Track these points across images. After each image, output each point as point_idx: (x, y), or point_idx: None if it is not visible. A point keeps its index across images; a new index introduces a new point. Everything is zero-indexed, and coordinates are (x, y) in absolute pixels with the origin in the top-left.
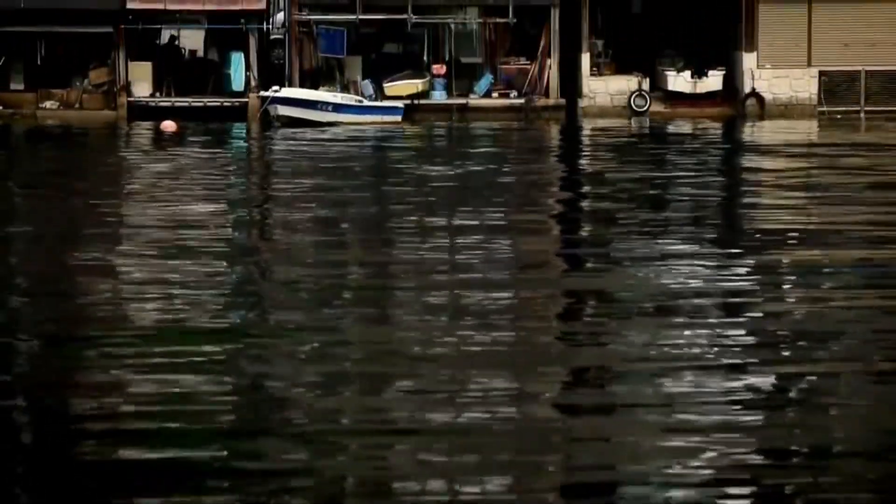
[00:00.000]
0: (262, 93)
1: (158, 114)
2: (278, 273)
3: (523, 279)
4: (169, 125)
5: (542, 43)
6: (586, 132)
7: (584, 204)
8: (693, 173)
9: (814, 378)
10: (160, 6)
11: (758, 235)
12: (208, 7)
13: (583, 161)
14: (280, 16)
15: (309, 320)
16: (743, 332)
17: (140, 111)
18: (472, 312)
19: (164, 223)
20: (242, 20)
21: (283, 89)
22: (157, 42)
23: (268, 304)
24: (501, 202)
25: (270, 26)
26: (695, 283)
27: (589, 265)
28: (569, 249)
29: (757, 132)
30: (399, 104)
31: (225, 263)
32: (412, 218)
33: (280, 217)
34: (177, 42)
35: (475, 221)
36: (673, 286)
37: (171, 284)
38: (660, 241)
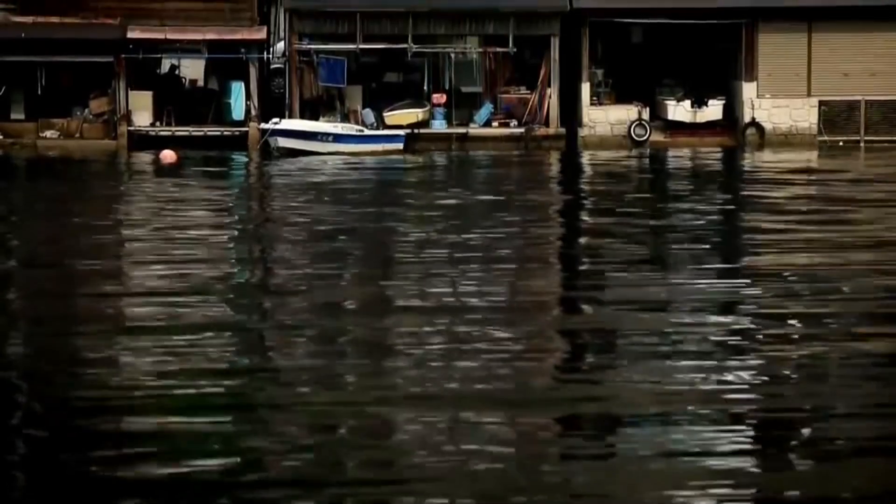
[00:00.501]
0: (263, 125)
1: (159, 143)
2: (278, 312)
3: (522, 317)
4: (168, 155)
5: (542, 72)
6: (586, 162)
7: (583, 237)
8: (691, 207)
9: (819, 423)
10: (161, 36)
11: (759, 272)
12: (209, 36)
13: (582, 191)
14: (280, 45)
15: (307, 361)
16: (745, 374)
17: (140, 140)
18: (471, 350)
19: (158, 258)
20: (243, 50)
21: (282, 121)
22: (158, 71)
23: (267, 342)
24: (501, 234)
25: (271, 56)
26: (696, 321)
27: (587, 304)
28: (568, 286)
29: (757, 161)
30: (400, 133)
31: (223, 302)
32: (410, 252)
33: (278, 250)
34: (177, 71)
35: (475, 255)
36: (673, 326)
37: (168, 331)
38: (660, 277)
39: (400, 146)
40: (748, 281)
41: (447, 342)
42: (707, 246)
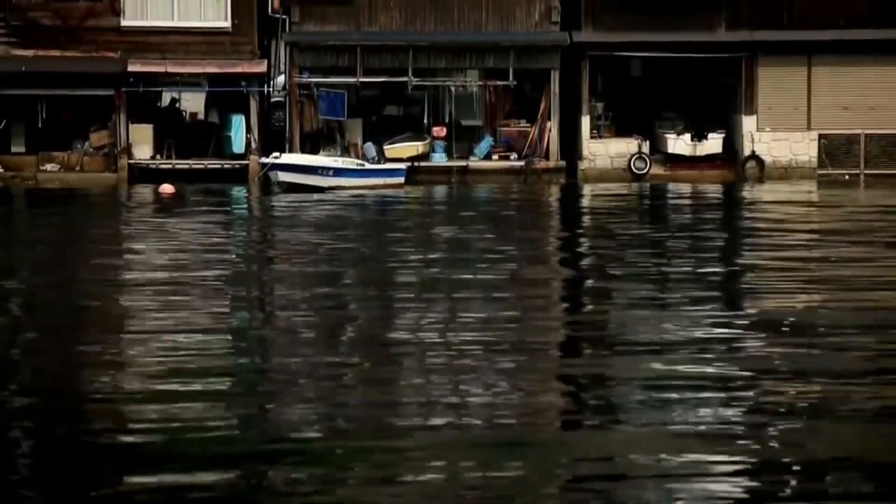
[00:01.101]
0: (263, 159)
1: (159, 176)
2: (278, 350)
3: (522, 357)
4: (167, 188)
5: (542, 105)
6: (586, 195)
7: (584, 270)
8: (691, 245)
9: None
10: (161, 69)
11: (760, 315)
12: (209, 70)
13: (582, 226)
14: (281, 79)
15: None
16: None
17: (141, 173)
18: (472, 380)
19: (157, 296)
20: (243, 83)
21: (282, 155)
22: (158, 104)
23: (268, 379)
24: (501, 267)
25: (271, 89)
26: (697, 361)
27: (589, 347)
28: (569, 329)
29: (756, 194)
30: (401, 166)
31: (222, 340)
32: (410, 289)
33: (278, 287)
34: (177, 104)
35: (473, 289)
36: (674, 365)
37: (168, 376)
38: (662, 318)
39: (401, 180)
40: (747, 323)
41: (446, 389)
42: (708, 288)
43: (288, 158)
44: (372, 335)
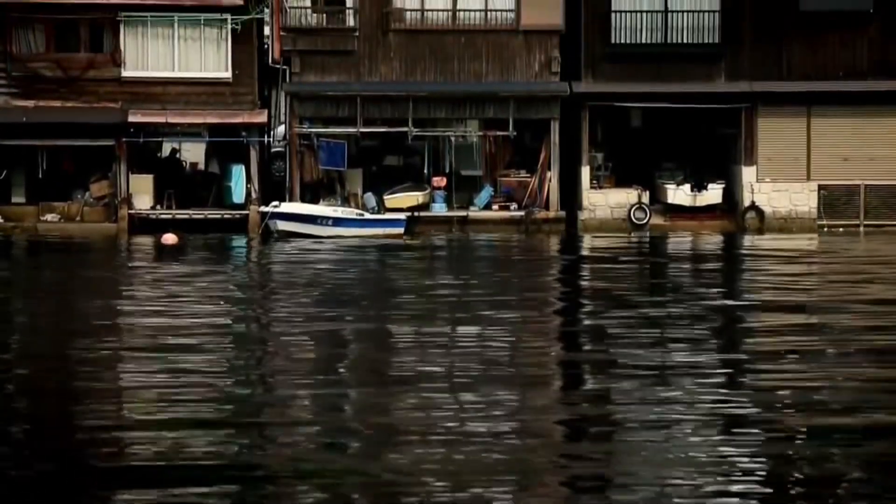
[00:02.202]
0: (263, 208)
1: (159, 226)
2: (279, 389)
3: (522, 404)
4: (169, 238)
5: (542, 156)
6: (585, 246)
7: (584, 321)
8: (692, 300)
9: None
10: (161, 119)
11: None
12: (209, 120)
13: (583, 277)
14: (281, 129)
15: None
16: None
17: (141, 223)
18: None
19: (158, 346)
20: (244, 133)
21: (282, 204)
22: (159, 155)
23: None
24: (501, 318)
25: (271, 139)
26: (698, 409)
27: (589, 387)
28: (567, 400)
29: (757, 245)
30: (401, 216)
31: (221, 386)
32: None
33: (279, 334)
34: (178, 155)
35: (474, 339)
36: (673, 412)
37: (167, 425)
38: (661, 375)
39: (401, 230)
40: (751, 394)
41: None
42: (708, 354)
43: (287, 207)
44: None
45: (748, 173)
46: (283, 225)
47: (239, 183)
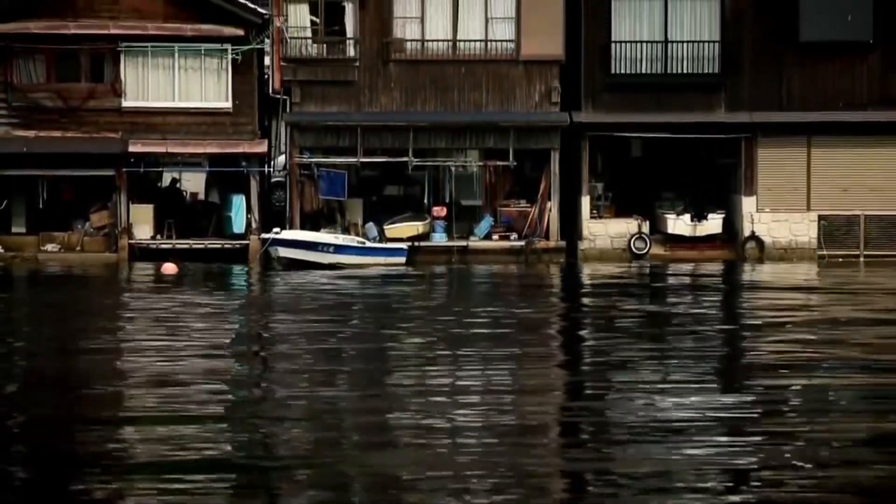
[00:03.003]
0: (263, 235)
1: (159, 256)
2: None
3: (521, 441)
4: (169, 267)
5: (542, 186)
6: (586, 276)
7: (585, 352)
8: (693, 331)
9: None
10: (162, 149)
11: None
12: (210, 150)
13: (583, 311)
14: (281, 159)
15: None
16: None
17: (141, 253)
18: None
19: (157, 375)
20: (244, 163)
21: (283, 231)
22: (159, 184)
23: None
24: (501, 352)
25: (272, 169)
26: (700, 456)
27: (588, 431)
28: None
29: (757, 275)
30: (403, 246)
31: (220, 420)
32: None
33: (279, 365)
34: (178, 184)
35: (476, 379)
36: (675, 458)
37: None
38: (664, 406)
39: (402, 259)
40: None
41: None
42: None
43: (288, 234)
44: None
45: (748, 203)
46: (283, 251)
47: (239, 213)
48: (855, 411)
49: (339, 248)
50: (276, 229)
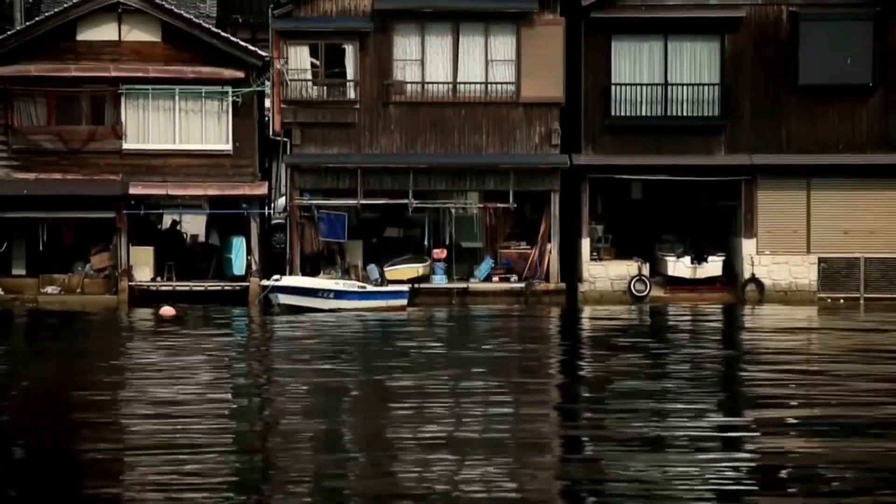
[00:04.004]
0: (263, 281)
1: (159, 298)
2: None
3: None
4: (168, 311)
5: (542, 228)
6: (586, 319)
7: (585, 394)
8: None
9: None
10: (162, 191)
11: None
12: (210, 192)
13: (583, 349)
14: (281, 200)
15: None
16: None
17: (142, 295)
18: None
19: (158, 423)
20: (244, 205)
21: (283, 278)
22: (159, 227)
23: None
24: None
25: (272, 211)
26: (694, 482)
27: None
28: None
29: (757, 319)
30: (404, 288)
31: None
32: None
33: (278, 406)
34: (178, 227)
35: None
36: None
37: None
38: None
39: (403, 302)
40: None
41: None
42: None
43: (288, 281)
44: None
45: (748, 245)
46: (283, 298)
47: (239, 255)
48: None
49: (339, 294)
50: (276, 276)
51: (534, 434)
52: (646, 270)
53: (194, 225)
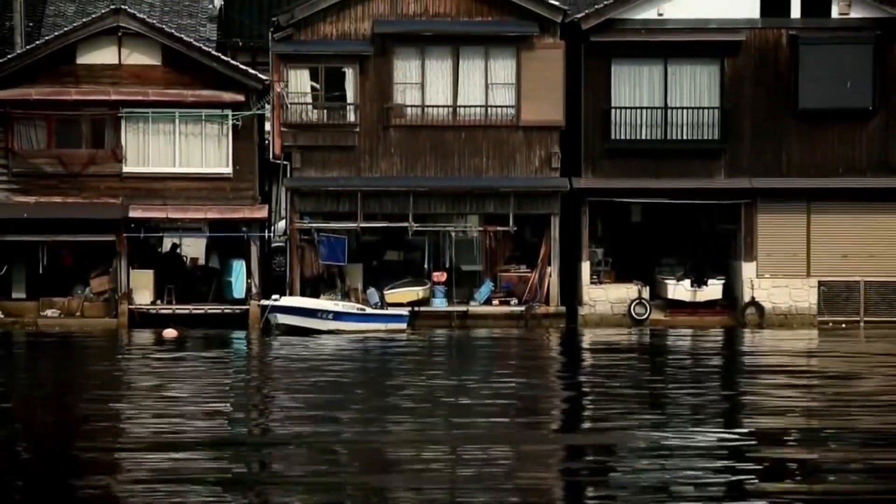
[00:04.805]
0: (263, 301)
1: (159, 321)
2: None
3: None
4: (170, 332)
5: (542, 251)
6: (586, 343)
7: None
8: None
9: None
10: (162, 215)
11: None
12: (210, 215)
13: (583, 384)
14: (281, 224)
15: None
16: None
17: (141, 319)
18: None
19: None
20: (244, 228)
21: (282, 298)
22: (159, 250)
23: None
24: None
25: (272, 234)
26: None
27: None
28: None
29: (758, 342)
30: (404, 311)
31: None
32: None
33: (277, 431)
34: (178, 250)
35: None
36: None
37: None
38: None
39: (403, 325)
40: None
41: None
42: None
43: (288, 301)
44: None
45: (748, 269)
46: (283, 318)
47: (239, 278)
48: None
49: (338, 315)
50: (276, 296)
51: None
52: (646, 294)
53: (194, 248)
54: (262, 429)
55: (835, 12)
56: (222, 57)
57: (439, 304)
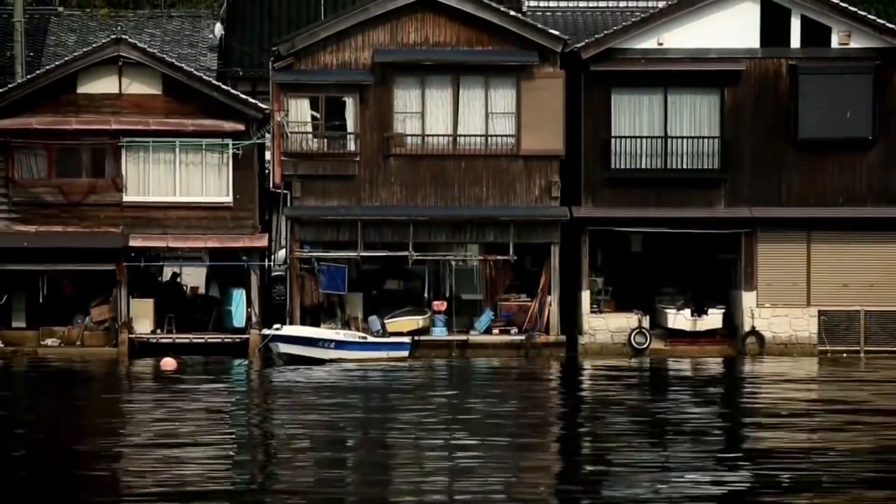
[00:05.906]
0: (264, 330)
1: (159, 350)
2: None
3: None
4: (168, 363)
5: (542, 280)
6: (586, 373)
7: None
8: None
9: None
10: (162, 244)
11: None
12: (210, 244)
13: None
14: (282, 253)
15: None
16: None
17: (142, 348)
18: None
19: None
20: (244, 257)
21: (283, 327)
22: (159, 279)
23: None
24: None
25: (272, 263)
26: None
27: None
28: None
29: (758, 372)
30: (405, 339)
31: None
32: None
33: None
34: (178, 279)
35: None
36: None
37: None
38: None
39: (405, 353)
40: None
41: None
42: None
43: (289, 330)
44: None
45: (748, 298)
46: (284, 347)
47: (239, 307)
48: None
49: (339, 344)
50: (277, 325)
51: None
52: (646, 323)
53: (194, 277)
54: (266, 476)
55: (834, 42)
56: (222, 86)
57: (439, 332)
